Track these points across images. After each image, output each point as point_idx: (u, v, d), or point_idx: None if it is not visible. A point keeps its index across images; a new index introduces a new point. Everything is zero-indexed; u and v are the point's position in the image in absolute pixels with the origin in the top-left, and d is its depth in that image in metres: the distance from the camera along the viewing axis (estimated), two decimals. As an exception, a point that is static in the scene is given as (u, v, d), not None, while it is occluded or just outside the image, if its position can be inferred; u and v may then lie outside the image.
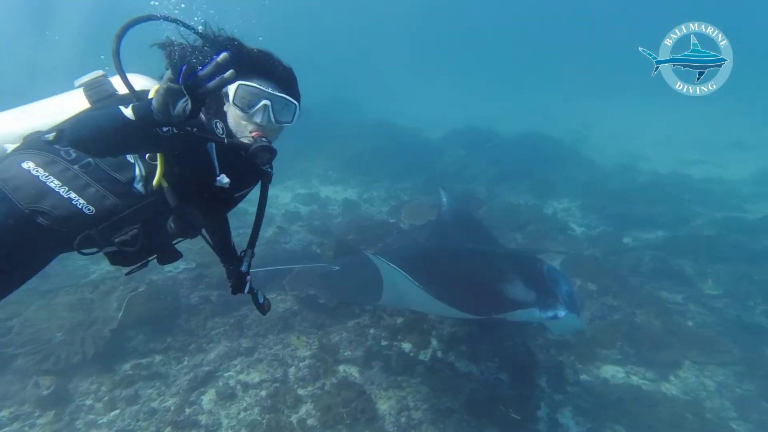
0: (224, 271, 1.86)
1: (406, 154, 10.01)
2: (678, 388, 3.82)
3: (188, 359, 3.64)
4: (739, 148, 13.12)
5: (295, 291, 4.07)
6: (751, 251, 5.68)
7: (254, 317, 3.96)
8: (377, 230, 5.10)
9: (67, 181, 1.35)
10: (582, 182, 9.24)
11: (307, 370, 3.46)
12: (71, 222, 1.36)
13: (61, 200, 1.34)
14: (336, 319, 4.03)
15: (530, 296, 3.24)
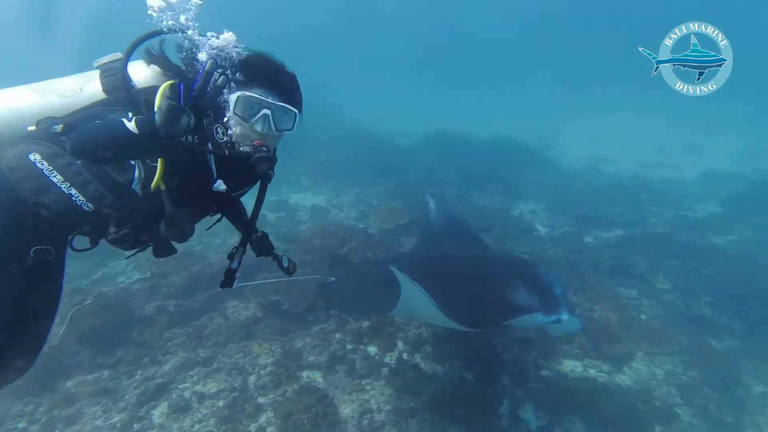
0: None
1: (378, 160, 10.10)
2: (631, 378, 4.00)
3: (141, 373, 3.53)
4: (693, 152, 13.92)
5: (258, 298, 4.03)
6: (698, 247, 6.03)
7: (215, 326, 3.89)
8: (343, 234, 5.11)
9: (69, 177, 1.39)
10: (548, 185, 9.56)
11: (268, 378, 3.41)
12: (69, 216, 1.41)
13: (62, 195, 1.38)
14: (300, 324, 4.01)
15: (533, 301, 3.26)
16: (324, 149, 10.23)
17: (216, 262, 4.73)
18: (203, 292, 4.36)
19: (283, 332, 3.92)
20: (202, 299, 4.23)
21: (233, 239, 5.80)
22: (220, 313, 4.14)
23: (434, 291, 2.73)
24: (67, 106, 1.54)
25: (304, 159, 9.53)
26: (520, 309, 3.19)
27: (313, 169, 9.33)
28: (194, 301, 4.20)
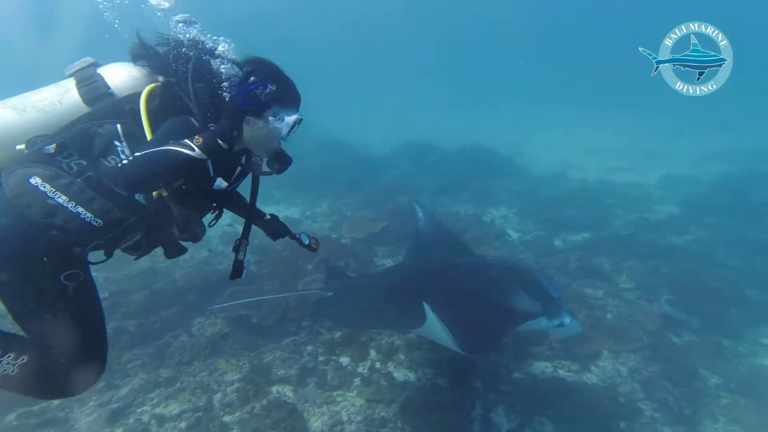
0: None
1: (352, 170, 10.13)
2: (597, 376, 4.12)
3: (95, 399, 3.35)
4: (652, 156, 14.59)
5: (225, 313, 3.93)
6: (658, 247, 6.31)
7: (179, 345, 3.76)
8: (314, 245, 5.07)
9: (73, 196, 1.43)
10: (519, 191, 9.82)
11: (235, 395, 3.32)
12: (82, 234, 1.47)
13: (71, 215, 1.43)
14: (270, 338, 3.93)
15: (536, 306, 3.25)
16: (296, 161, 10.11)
17: (181, 278, 4.59)
18: (167, 309, 4.23)
19: (252, 347, 3.83)
20: (165, 317, 4.10)
21: (201, 253, 5.66)
22: (185, 330, 4.01)
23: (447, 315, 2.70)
24: (49, 121, 1.55)
25: (277, 171, 9.43)
26: (525, 315, 3.19)
27: (285, 181, 9.24)
28: (157, 320, 4.06)
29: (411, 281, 3.68)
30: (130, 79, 1.62)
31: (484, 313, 3.25)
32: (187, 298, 4.14)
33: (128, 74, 1.62)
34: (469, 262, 4.32)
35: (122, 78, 1.61)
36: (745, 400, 3.81)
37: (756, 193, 7.79)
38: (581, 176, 11.78)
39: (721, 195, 8.17)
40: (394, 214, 7.04)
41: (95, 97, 1.55)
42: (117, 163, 1.46)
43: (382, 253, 5.96)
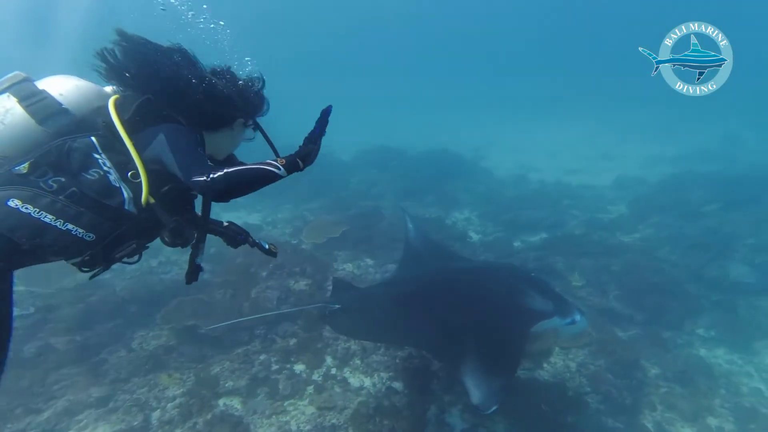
0: None
1: (316, 175, 9.98)
2: (549, 373, 4.25)
3: (10, 426, 3.07)
4: (607, 159, 15.34)
5: (170, 324, 3.76)
6: (608, 246, 6.61)
7: (116, 361, 3.54)
8: (269, 252, 4.97)
9: (59, 213, 1.39)
10: (481, 193, 10.05)
11: (176, 411, 3.18)
12: (75, 249, 1.46)
13: (61, 233, 1.40)
14: (220, 348, 3.80)
15: (549, 305, 3.25)
16: (259, 166, 9.95)
17: (122, 290, 4.35)
18: (104, 323, 3.99)
19: (200, 359, 3.68)
20: (102, 332, 3.87)
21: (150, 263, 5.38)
22: (124, 345, 3.80)
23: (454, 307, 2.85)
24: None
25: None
26: (539, 315, 3.19)
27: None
28: (92, 335, 3.82)
29: (424, 291, 3.62)
30: (78, 92, 1.56)
31: (500, 319, 3.21)
32: (129, 310, 3.92)
33: (76, 87, 1.56)
34: (472, 267, 4.31)
35: (71, 93, 1.55)
36: (680, 388, 4.05)
37: (693, 192, 8.33)
38: (541, 178, 12.21)
39: (664, 195, 8.69)
40: (355, 219, 7.02)
41: (48, 115, 1.47)
42: (101, 175, 1.45)
43: (342, 258, 5.93)
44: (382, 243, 6.31)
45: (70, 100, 1.53)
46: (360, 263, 5.88)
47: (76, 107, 1.52)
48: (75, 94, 1.55)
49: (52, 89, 1.52)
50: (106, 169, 1.45)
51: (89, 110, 1.53)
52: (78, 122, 1.50)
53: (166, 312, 3.84)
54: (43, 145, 1.45)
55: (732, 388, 4.08)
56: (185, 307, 3.84)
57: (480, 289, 3.62)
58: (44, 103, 1.48)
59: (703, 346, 4.73)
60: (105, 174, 1.45)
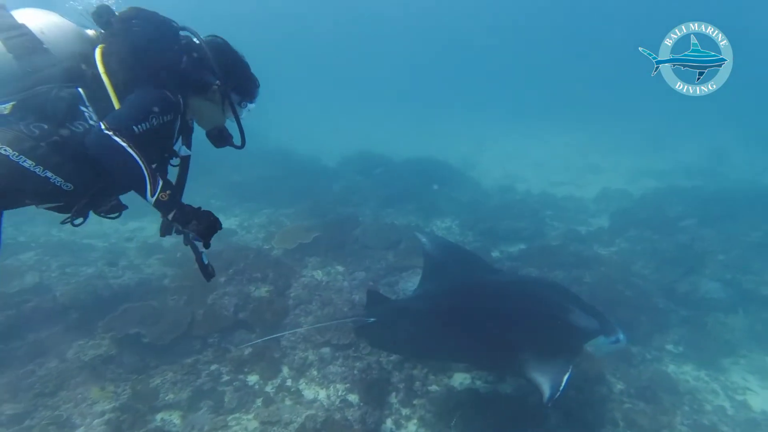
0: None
1: (298, 180, 9.94)
2: (511, 386, 4.16)
3: None
4: (594, 171, 15.42)
5: (111, 332, 3.60)
6: (583, 258, 6.56)
7: (44, 373, 3.30)
8: (230, 256, 4.83)
9: (39, 159, 1.36)
10: (464, 202, 9.99)
11: (102, 428, 2.99)
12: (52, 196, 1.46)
13: (39, 180, 1.37)
14: (167, 358, 3.65)
15: (594, 323, 3.18)
16: (241, 170, 9.87)
17: (62, 295, 4.16)
18: (38, 332, 3.73)
19: (141, 369, 3.52)
20: (33, 341, 3.63)
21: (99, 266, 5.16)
22: (58, 355, 3.56)
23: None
24: None
25: (217, 179, 9.10)
26: (587, 334, 3.13)
27: (225, 190, 8.94)
28: (22, 344, 3.57)
29: (467, 304, 3.55)
30: (60, 32, 1.51)
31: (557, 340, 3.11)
32: (70, 317, 3.74)
33: (57, 27, 1.50)
34: (510, 280, 4.23)
35: (52, 31, 1.49)
36: (644, 404, 3.98)
37: (672, 208, 8.36)
38: (527, 188, 12.21)
39: (644, 209, 8.69)
40: (331, 225, 6.93)
41: (27, 52, 1.41)
42: (86, 129, 1.43)
43: (313, 264, 5.83)
44: (354, 250, 6.23)
45: (50, 39, 1.48)
46: (330, 270, 5.78)
47: (56, 48, 1.47)
48: (56, 34, 1.49)
49: (32, 24, 1.45)
50: (92, 123, 1.44)
51: (70, 53, 1.49)
52: (65, 70, 1.46)
53: (111, 319, 3.68)
54: (17, 82, 1.40)
55: (696, 405, 4.01)
56: (132, 314, 3.69)
57: (526, 304, 3.52)
58: (24, 39, 1.42)
59: (671, 361, 4.67)
60: (90, 128, 1.43)
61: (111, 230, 6.40)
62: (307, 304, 4.60)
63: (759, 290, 5.06)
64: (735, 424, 3.75)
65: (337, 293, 5.09)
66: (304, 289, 4.79)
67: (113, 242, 6.13)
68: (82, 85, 1.45)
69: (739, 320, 4.82)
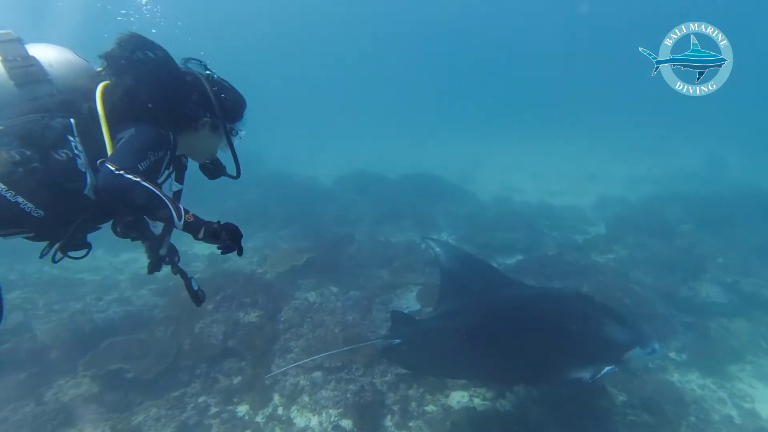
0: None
1: (294, 202, 9.98)
2: (511, 403, 4.03)
3: None
4: (592, 180, 15.38)
5: (91, 369, 3.47)
6: (581, 266, 6.48)
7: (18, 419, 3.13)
8: (219, 282, 4.78)
9: (13, 185, 1.37)
10: (461, 216, 9.94)
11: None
12: (22, 225, 1.44)
13: (9, 204, 1.37)
14: (152, 393, 3.53)
15: (628, 336, 3.13)
16: (233, 195, 9.93)
17: (43, 333, 4.06)
18: (15, 375, 3.58)
19: (124, 407, 3.39)
20: (10, 384, 3.49)
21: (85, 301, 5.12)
22: (35, 398, 3.41)
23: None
24: None
25: (211, 207, 9.12)
26: (623, 347, 3.06)
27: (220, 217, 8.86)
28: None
29: (495, 322, 3.49)
30: (69, 67, 1.58)
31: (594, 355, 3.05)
32: (48, 357, 3.64)
33: (67, 62, 1.58)
34: (536, 294, 4.17)
35: (61, 66, 1.56)
36: (648, 415, 3.82)
37: (669, 213, 8.29)
38: (524, 199, 12.18)
39: (642, 215, 8.63)
40: (324, 245, 6.90)
41: (29, 81, 1.49)
42: (69, 157, 1.45)
43: (306, 286, 5.76)
44: (348, 270, 6.17)
45: (57, 72, 1.54)
46: (324, 291, 5.71)
47: (59, 81, 1.53)
48: (65, 68, 1.56)
49: (43, 58, 1.54)
50: (77, 153, 1.46)
51: (74, 87, 1.55)
52: (62, 101, 1.51)
53: (93, 356, 3.55)
54: (13, 108, 1.45)
55: (702, 415, 3.86)
56: (116, 349, 3.59)
57: (558, 319, 3.42)
58: (30, 70, 1.49)
59: (675, 370, 4.53)
60: (74, 157, 1.46)
61: (104, 263, 6.40)
62: (297, 328, 4.52)
63: (761, 293, 4.94)
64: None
65: (330, 314, 5.01)
66: (295, 312, 4.72)
67: (106, 275, 6.10)
68: (75, 116, 1.50)
69: (743, 325, 4.69)
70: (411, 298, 5.41)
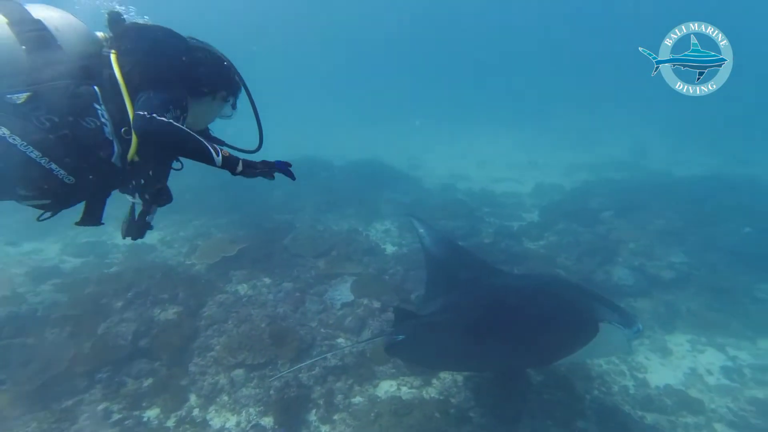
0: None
1: (234, 188, 9.46)
2: (436, 389, 4.13)
3: None
4: (534, 167, 16.10)
5: None
6: (513, 253, 6.77)
7: None
8: (131, 277, 4.43)
9: (46, 151, 1.39)
10: (406, 204, 9.98)
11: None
12: (52, 191, 1.47)
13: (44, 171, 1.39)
14: (38, 404, 3.16)
15: (615, 317, 3.22)
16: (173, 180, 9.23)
17: None
18: None
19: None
20: None
21: None
22: None
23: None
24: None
25: (138, 192, 8.45)
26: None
27: (149, 203, 8.29)
28: None
29: (496, 313, 3.60)
30: (74, 33, 1.55)
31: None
32: None
33: (71, 26, 1.55)
34: (528, 283, 4.30)
35: (66, 30, 1.53)
36: (561, 393, 4.09)
37: (594, 200, 8.86)
38: (469, 187, 12.47)
39: (572, 202, 9.15)
40: (262, 234, 6.64)
41: (40, 46, 1.44)
42: (97, 126, 1.47)
43: (238, 278, 5.51)
44: (282, 260, 5.99)
45: (64, 37, 1.52)
46: (256, 283, 5.50)
47: (68, 46, 1.50)
48: (70, 33, 1.54)
49: (48, 21, 1.49)
50: (104, 121, 1.49)
51: (82, 53, 1.53)
52: (83, 67, 1.50)
53: None
54: (27, 74, 1.40)
55: (605, 388, 4.20)
56: (10, 350, 3.23)
57: (552, 306, 3.55)
58: (40, 35, 1.45)
59: (589, 348, 4.88)
60: (102, 125, 1.49)
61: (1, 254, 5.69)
62: (221, 324, 4.30)
63: (660, 275, 5.44)
64: (635, 402, 3.96)
65: (260, 308, 4.84)
66: (219, 308, 4.49)
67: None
68: (98, 83, 1.50)
69: (646, 304, 5.14)
70: (345, 289, 5.35)
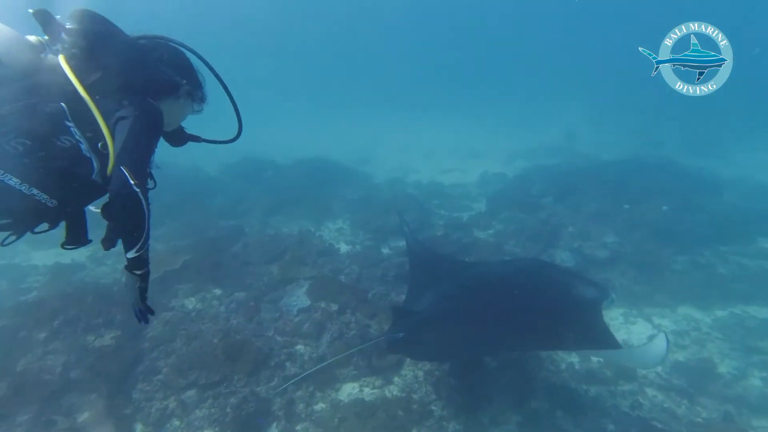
0: None
1: (171, 194, 8.82)
2: (399, 387, 4.19)
3: None
4: (476, 156, 16.70)
5: None
6: (464, 244, 7.00)
7: None
8: (56, 303, 3.94)
9: (24, 177, 1.34)
10: (356, 200, 9.88)
11: None
12: (34, 216, 1.43)
13: (25, 197, 1.35)
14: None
15: (594, 291, 3.39)
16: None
17: None
18: None
19: None
20: None
21: None
22: None
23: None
24: None
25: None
26: (597, 303, 3.33)
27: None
28: None
29: (488, 300, 3.75)
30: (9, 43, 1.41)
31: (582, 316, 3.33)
32: None
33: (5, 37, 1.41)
34: (512, 268, 4.51)
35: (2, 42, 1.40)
36: (515, 374, 4.29)
37: (534, 187, 9.42)
38: (418, 179, 12.66)
39: (514, 190, 9.63)
40: (207, 243, 6.27)
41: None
42: (72, 144, 1.41)
43: (183, 292, 5.17)
44: (233, 269, 5.71)
45: (3, 51, 1.40)
46: (205, 295, 5.20)
47: (10, 60, 1.40)
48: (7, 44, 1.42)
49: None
50: (78, 138, 1.43)
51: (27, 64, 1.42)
52: (40, 84, 1.40)
53: None
54: None
55: (553, 367, 4.51)
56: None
57: (540, 287, 3.75)
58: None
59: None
60: (77, 143, 1.43)
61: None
62: (168, 343, 4.02)
63: (594, 254, 5.93)
64: (580, 377, 4.30)
65: (211, 322, 4.59)
66: (165, 326, 4.18)
67: None
68: (63, 100, 1.41)
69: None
70: (301, 294, 5.23)
